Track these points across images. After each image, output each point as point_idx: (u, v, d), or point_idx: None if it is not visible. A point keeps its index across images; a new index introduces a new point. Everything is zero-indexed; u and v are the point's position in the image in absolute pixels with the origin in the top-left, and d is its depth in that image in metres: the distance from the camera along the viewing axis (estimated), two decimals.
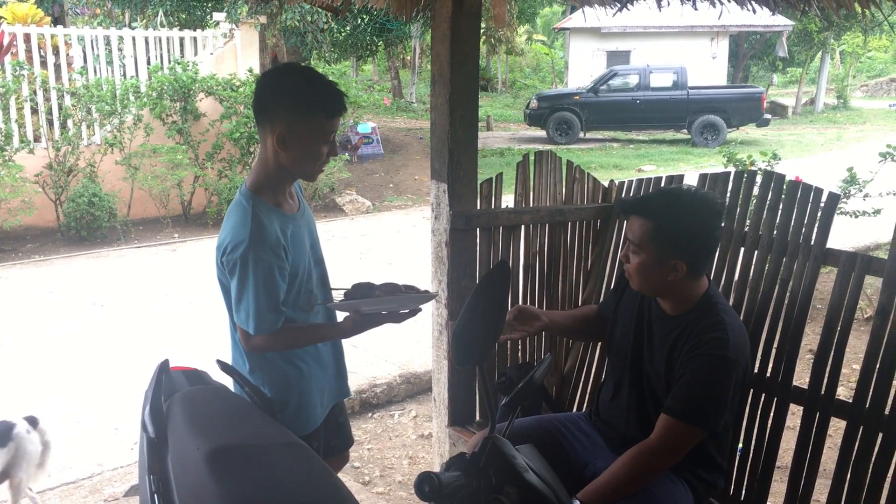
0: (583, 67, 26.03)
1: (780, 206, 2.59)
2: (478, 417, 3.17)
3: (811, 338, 3.97)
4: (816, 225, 2.50)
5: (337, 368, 2.40)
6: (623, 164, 15.67)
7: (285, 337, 2.15)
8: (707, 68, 24.86)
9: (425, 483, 1.34)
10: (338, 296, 2.17)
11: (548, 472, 1.49)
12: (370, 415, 4.48)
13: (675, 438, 2.07)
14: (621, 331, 2.34)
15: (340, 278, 2.42)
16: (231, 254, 2.03)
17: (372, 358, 5.00)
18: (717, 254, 2.64)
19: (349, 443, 2.60)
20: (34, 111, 9.15)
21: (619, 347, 2.35)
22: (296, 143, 2.05)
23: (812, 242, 2.49)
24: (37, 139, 9.01)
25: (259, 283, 2.02)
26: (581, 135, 19.27)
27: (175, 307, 6.30)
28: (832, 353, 2.39)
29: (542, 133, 19.56)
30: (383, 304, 2.06)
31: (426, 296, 2.12)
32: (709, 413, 2.06)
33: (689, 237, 2.10)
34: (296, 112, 2.03)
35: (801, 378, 2.54)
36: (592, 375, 3.20)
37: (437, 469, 3.30)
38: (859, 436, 2.31)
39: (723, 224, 2.66)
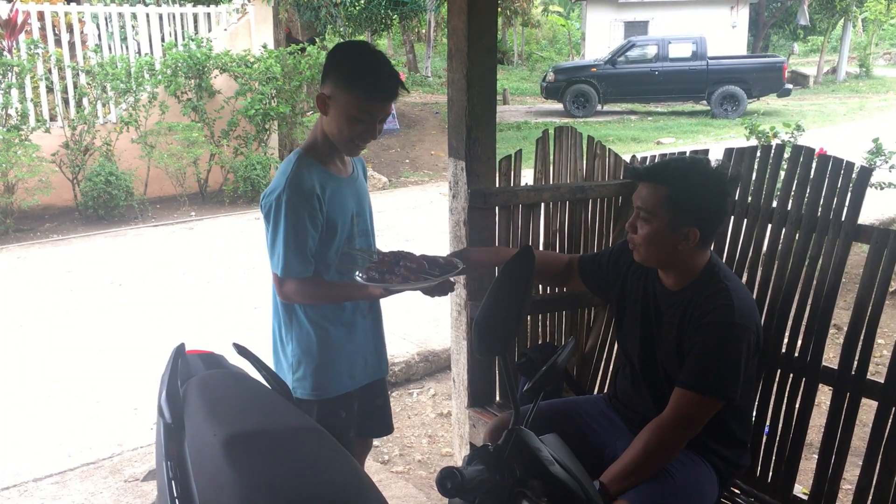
0: (600, 39, 25.73)
1: (810, 181, 2.51)
2: (497, 398, 3.14)
3: (836, 312, 3.88)
4: (847, 200, 2.42)
5: (375, 345, 2.44)
6: (641, 136, 15.50)
7: (316, 288, 2.23)
8: (727, 38, 24.50)
9: (447, 479, 1.30)
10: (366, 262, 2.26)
11: (573, 463, 1.45)
12: (389, 393, 4.45)
13: (690, 410, 2.04)
14: (630, 316, 2.30)
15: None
16: (268, 197, 2.16)
17: (390, 336, 4.89)
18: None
19: (387, 429, 2.61)
20: (49, 90, 9.14)
21: (629, 332, 2.31)
22: (333, 110, 2.15)
23: (843, 218, 2.42)
24: (52, 118, 9.00)
25: (289, 226, 2.12)
26: (599, 107, 19.09)
27: (192, 286, 6.31)
28: (863, 333, 2.33)
29: (559, 106, 19.39)
30: (412, 284, 2.11)
31: (451, 270, 2.18)
32: (723, 382, 2.03)
33: (703, 203, 2.08)
34: (339, 82, 2.12)
35: (827, 354, 2.47)
36: (614, 356, 3.15)
37: (457, 453, 3.28)
38: (891, 417, 2.25)
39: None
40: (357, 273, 2.19)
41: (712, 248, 2.23)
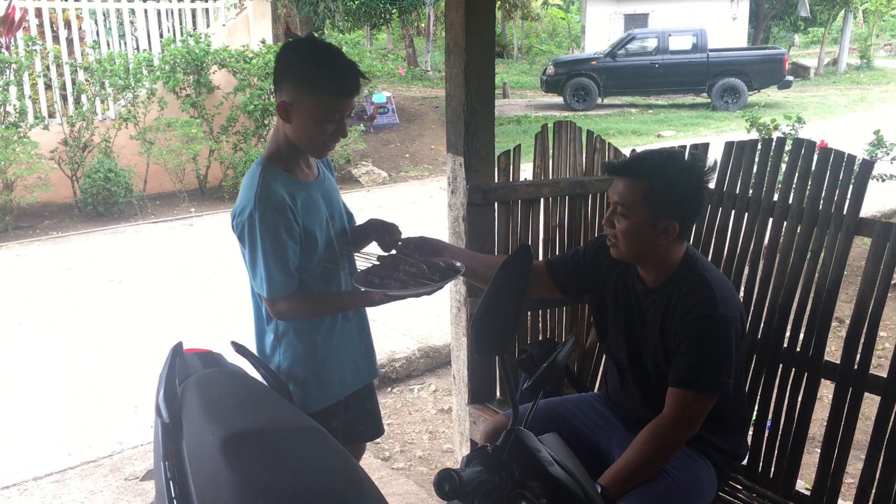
0: (600, 32, 25.67)
1: (811, 175, 2.49)
2: (498, 395, 3.12)
3: (838, 305, 3.86)
4: (849, 194, 2.40)
5: (364, 347, 2.37)
6: (642, 129, 15.47)
7: (310, 303, 2.15)
8: (727, 30, 24.42)
9: (445, 481, 1.28)
10: (364, 264, 2.18)
11: (573, 462, 1.43)
12: (389, 389, 4.45)
13: (688, 409, 2.02)
14: (613, 316, 2.28)
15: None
16: (239, 217, 2.05)
17: (390, 332, 4.96)
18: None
19: (377, 432, 2.53)
20: (48, 87, 9.12)
21: (614, 333, 2.28)
22: (298, 116, 2.03)
23: (845, 212, 2.40)
24: (51, 115, 8.98)
25: (266, 244, 2.02)
26: (599, 101, 19.05)
27: (192, 283, 6.30)
28: (865, 327, 2.31)
29: (559, 99, 19.34)
30: (409, 289, 2.04)
31: (452, 274, 2.11)
32: (716, 376, 2.02)
33: (682, 196, 2.06)
34: (300, 86, 2.01)
35: (829, 347, 2.46)
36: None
37: (458, 450, 3.27)
38: (894, 412, 2.23)
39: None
40: (353, 280, 2.13)
41: (703, 240, 2.21)
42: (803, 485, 2.59)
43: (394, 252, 2.20)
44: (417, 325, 5.08)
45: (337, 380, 2.26)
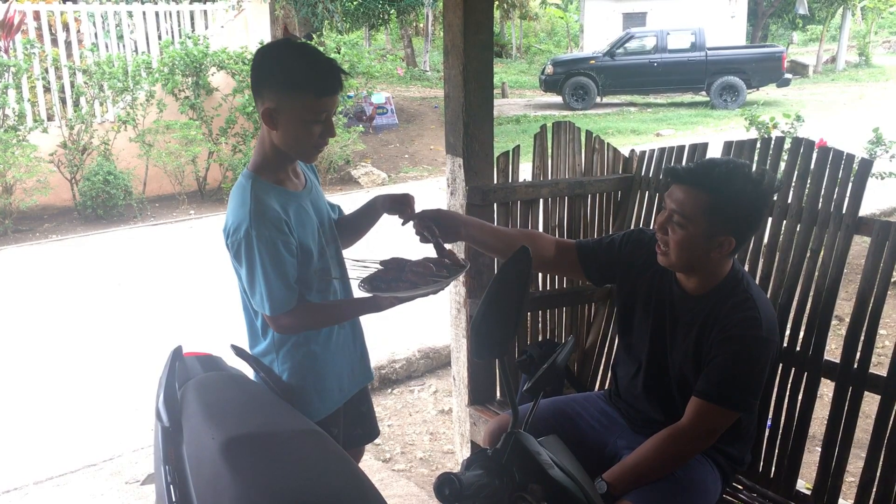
0: (598, 31, 25.72)
1: (810, 174, 2.49)
2: (498, 396, 3.12)
3: (838, 303, 3.85)
4: (848, 193, 2.40)
5: (359, 352, 2.34)
6: (641, 128, 15.47)
7: (314, 314, 2.11)
8: (725, 28, 24.45)
9: (445, 485, 1.28)
10: (369, 271, 2.12)
11: (573, 465, 1.43)
12: (390, 391, 4.45)
13: (709, 422, 2.01)
14: (641, 315, 2.25)
15: (360, 252, 2.35)
16: (234, 235, 1.99)
17: (390, 333, 4.95)
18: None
19: (374, 434, 2.51)
20: (46, 90, 9.13)
21: (639, 332, 2.25)
22: (283, 121, 1.97)
23: (844, 211, 2.39)
24: (50, 118, 8.99)
25: (266, 261, 1.97)
26: (598, 100, 19.06)
27: (192, 286, 6.29)
28: (865, 326, 2.31)
29: (558, 99, 19.36)
30: (420, 289, 2.00)
31: (460, 270, 2.08)
32: (746, 395, 2.00)
33: (744, 213, 1.99)
34: (282, 89, 1.95)
35: (829, 345, 2.46)
36: (615, 352, 3.13)
37: (459, 451, 3.27)
38: (894, 411, 2.23)
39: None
40: (360, 285, 2.09)
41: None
42: (804, 484, 2.59)
43: (395, 256, 2.17)
44: (417, 326, 5.07)
45: (335, 388, 2.24)
